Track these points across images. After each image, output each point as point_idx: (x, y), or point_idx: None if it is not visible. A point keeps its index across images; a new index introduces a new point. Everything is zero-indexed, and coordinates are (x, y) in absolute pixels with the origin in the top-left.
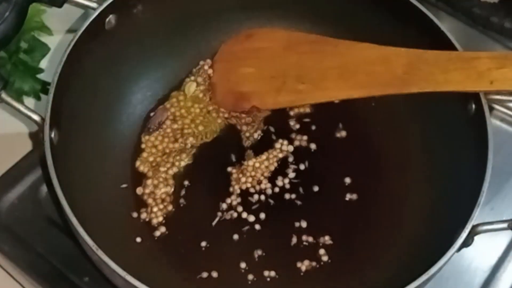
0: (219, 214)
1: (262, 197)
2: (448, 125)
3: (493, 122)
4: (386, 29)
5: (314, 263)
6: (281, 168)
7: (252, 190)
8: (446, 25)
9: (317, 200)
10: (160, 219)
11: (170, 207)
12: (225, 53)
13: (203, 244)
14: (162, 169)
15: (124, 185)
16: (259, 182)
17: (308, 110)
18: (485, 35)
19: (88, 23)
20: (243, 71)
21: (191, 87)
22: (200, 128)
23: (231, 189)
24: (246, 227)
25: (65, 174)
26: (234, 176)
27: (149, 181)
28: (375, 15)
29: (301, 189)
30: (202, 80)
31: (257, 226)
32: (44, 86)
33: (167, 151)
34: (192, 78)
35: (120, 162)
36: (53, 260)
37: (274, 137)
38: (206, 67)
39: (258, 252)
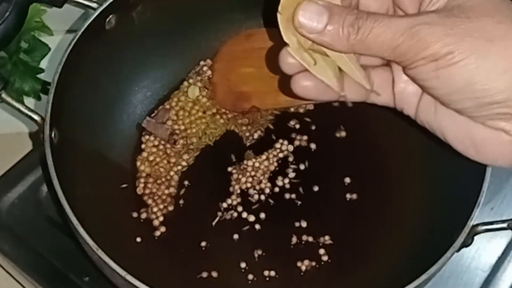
0: (219, 214)
1: (262, 197)
2: None
3: None
4: None
5: (314, 263)
6: (281, 168)
7: (252, 190)
8: None
9: (317, 200)
10: (161, 219)
11: (170, 207)
12: (225, 53)
13: (203, 244)
14: (162, 169)
15: (124, 185)
16: (259, 182)
17: (308, 110)
18: None
19: (88, 23)
20: (243, 71)
21: (195, 90)
22: (202, 128)
23: (231, 189)
24: (246, 227)
25: (65, 174)
26: (234, 176)
27: (149, 181)
28: None
29: (301, 189)
30: (203, 81)
31: (257, 226)
32: (44, 86)
33: (168, 151)
34: (191, 80)
35: (120, 162)
36: (53, 260)
37: (274, 137)
38: (206, 68)
39: (258, 252)
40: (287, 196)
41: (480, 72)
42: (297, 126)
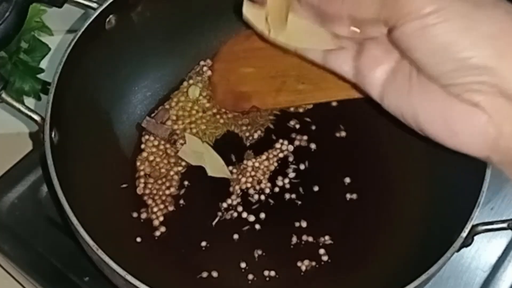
0: (219, 214)
1: (262, 197)
2: None
3: None
4: None
5: (314, 263)
6: (281, 168)
7: (252, 190)
8: None
9: (317, 200)
10: (161, 219)
11: (170, 207)
12: (225, 53)
13: (203, 244)
14: (162, 169)
15: (124, 185)
16: (259, 182)
17: (308, 110)
18: None
19: (88, 23)
20: (243, 71)
21: (195, 91)
22: (202, 128)
23: (231, 189)
24: (246, 227)
25: (65, 174)
26: (234, 176)
27: (149, 181)
28: None
29: (301, 189)
30: (203, 81)
31: (257, 226)
32: (44, 86)
33: (168, 151)
34: (191, 81)
35: (120, 162)
36: (53, 260)
37: (274, 137)
38: (206, 68)
39: (258, 252)
40: (287, 196)
41: (466, 36)
42: (297, 126)
